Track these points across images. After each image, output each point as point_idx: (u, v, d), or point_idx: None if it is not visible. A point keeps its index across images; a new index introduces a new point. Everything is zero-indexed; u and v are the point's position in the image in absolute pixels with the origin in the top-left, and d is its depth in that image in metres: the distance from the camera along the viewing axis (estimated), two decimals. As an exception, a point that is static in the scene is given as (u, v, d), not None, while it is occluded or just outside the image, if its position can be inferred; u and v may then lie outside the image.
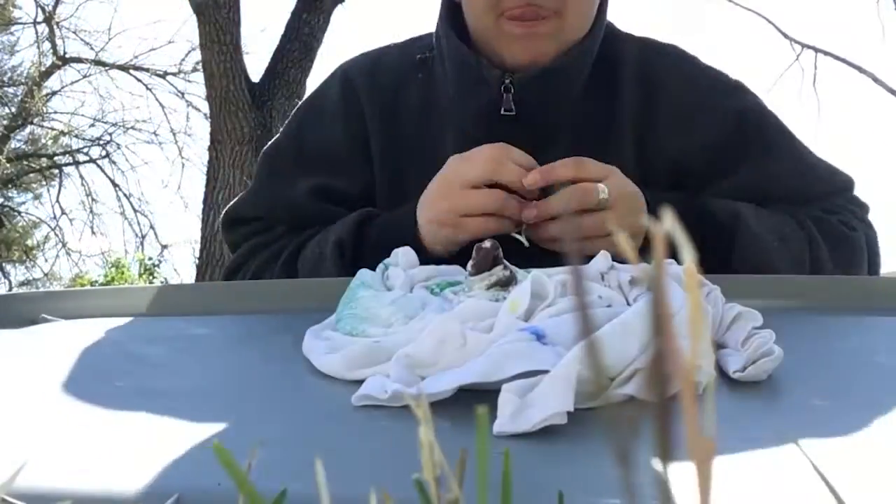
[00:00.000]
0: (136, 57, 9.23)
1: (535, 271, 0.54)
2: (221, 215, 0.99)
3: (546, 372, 0.39)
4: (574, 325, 0.45)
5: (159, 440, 0.37)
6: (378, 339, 0.52)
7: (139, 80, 9.23)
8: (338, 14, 6.26)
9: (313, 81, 6.19)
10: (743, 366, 0.45)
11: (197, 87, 8.80)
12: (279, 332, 0.67)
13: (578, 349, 0.40)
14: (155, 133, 9.24)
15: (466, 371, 0.42)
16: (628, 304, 0.52)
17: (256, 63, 9.08)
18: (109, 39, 9.23)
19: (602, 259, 0.58)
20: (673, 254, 0.12)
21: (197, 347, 0.61)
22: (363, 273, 0.63)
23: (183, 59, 9.10)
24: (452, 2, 0.86)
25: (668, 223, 0.11)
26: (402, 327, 0.54)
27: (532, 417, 0.36)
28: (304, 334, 0.58)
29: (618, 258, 0.60)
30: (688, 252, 0.11)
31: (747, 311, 0.51)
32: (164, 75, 9.17)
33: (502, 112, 0.82)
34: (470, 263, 0.59)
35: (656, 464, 0.12)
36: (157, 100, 9.28)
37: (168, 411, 0.43)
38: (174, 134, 9.16)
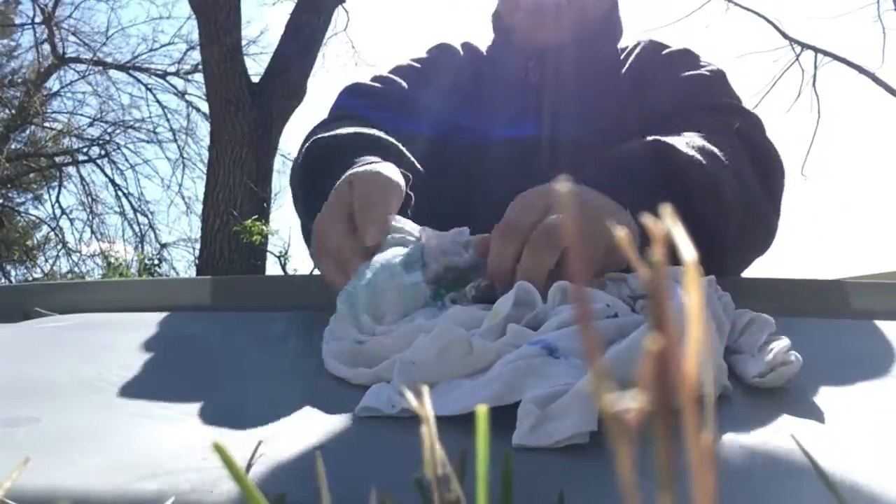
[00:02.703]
0: (135, 57, 9.24)
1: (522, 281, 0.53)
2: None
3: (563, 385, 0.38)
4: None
5: (156, 439, 0.37)
6: (363, 341, 0.52)
7: (139, 81, 9.24)
8: (338, 14, 6.25)
9: (314, 82, 6.18)
10: (762, 372, 0.45)
11: (197, 87, 8.81)
12: (276, 329, 0.67)
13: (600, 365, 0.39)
14: (154, 132, 9.25)
15: (479, 393, 0.40)
16: (634, 312, 0.52)
17: (257, 63, 9.07)
18: (108, 38, 9.21)
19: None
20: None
21: (193, 343, 0.61)
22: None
23: (181, 59, 9.11)
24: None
25: (667, 222, 0.11)
26: (390, 326, 0.53)
27: (553, 433, 0.35)
28: (300, 331, 0.58)
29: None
30: (687, 250, 0.11)
31: (760, 317, 0.51)
32: (163, 75, 9.17)
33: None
34: (471, 295, 0.59)
35: (657, 469, 0.11)
36: (156, 100, 9.29)
37: (165, 409, 0.43)
38: (174, 133, 9.17)
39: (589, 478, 0.32)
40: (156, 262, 8.62)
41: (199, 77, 8.33)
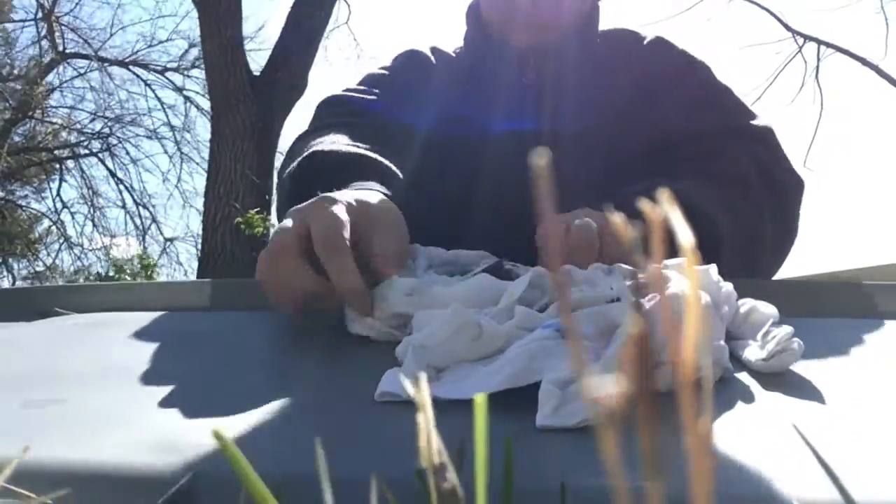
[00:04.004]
0: (134, 53, 9.26)
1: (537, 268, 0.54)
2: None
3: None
4: (596, 319, 0.45)
5: (176, 420, 0.38)
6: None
7: (138, 77, 9.25)
8: (340, 7, 6.24)
9: (315, 74, 6.19)
10: (763, 357, 0.45)
11: (196, 82, 8.82)
12: (293, 329, 0.67)
13: (618, 345, 0.39)
14: (155, 132, 9.26)
15: (495, 377, 0.41)
16: None
17: (257, 56, 9.07)
18: (111, 36, 9.24)
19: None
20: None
21: (210, 341, 0.62)
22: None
23: (182, 56, 9.12)
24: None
25: (665, 209, 0.11)
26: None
27: (576, 413, 0.35)
28: (313, 330, 0.59)
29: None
30: (685, 236, 0.11)
31: (762, 305, 0.51)
32: (163, 71, 9.18)
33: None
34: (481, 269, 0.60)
35: (641, 454, 0.12)
36: (156, 96, 9.30)
37: (183, 394, 0.43)
38: (172, 129, 9.18)
39: (592, 462, 0.32)
40: (154, 262, 8.63)
41: (197, 73, 8.35)
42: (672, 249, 0.13)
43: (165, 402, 0.42)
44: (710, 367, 0.43)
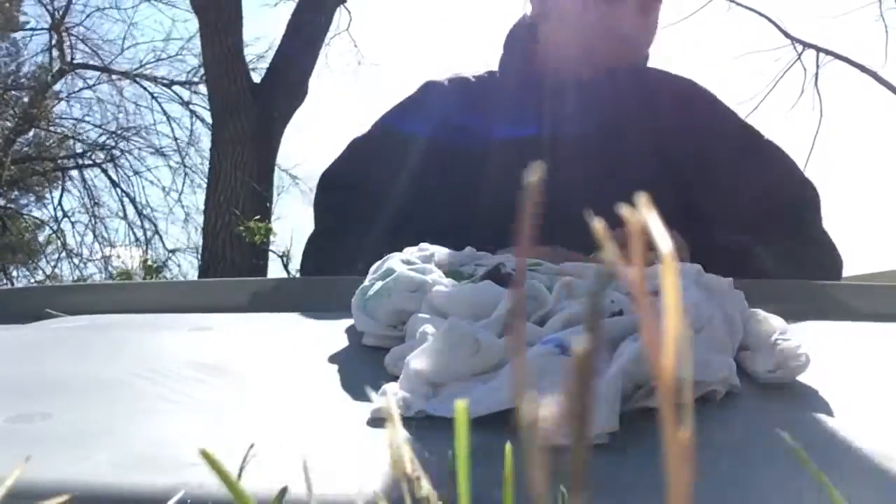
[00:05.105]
0: (142, 65, 9.28)
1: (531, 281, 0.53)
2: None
3: None
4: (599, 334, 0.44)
5: (166, 434, 0.37)
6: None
7: (145, 90, 9.26)
8: (340, 14, 6.26)
9: (315, 82, 6.20)
10: (771, 368, 0.45)
11: (202, 98, 8.81)
12: (285, 331, 0.67)
13: (623, 363, 0.39)
14: (159, 150, 9.27)
15: (496, 395, 0.39)
16: None
17: (258, 64, 9.09)
18: (122, 51, 9.25)
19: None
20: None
21: (198, 343, 0.61)
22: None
23: (190, 71, 9.14)
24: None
25: (643, 213, 0.11)
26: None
27: None
28: (304, 331, 0.58)
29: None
30: (665, 242, 0.11)
31: (771, 317, 0.51)
32: (170, 85, 9.19)
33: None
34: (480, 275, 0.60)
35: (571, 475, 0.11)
36: (162, 109, 9.30)
37: (174, 406, 0.43)
38: (177, 143, 9.17)
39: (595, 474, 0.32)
40: (160, 266, 8.62)
41: (203, 88, 8.35)
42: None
43: (157, 415, 0.41)
44: (691, 379, 0.42)
